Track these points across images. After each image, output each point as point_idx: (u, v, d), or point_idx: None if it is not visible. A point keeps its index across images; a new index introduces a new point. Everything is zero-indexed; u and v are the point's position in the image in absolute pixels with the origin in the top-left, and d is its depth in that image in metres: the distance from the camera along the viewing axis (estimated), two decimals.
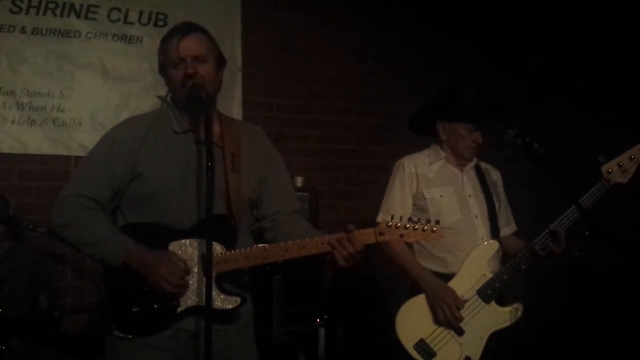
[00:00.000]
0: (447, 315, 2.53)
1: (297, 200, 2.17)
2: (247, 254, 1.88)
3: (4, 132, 3.90)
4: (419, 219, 1.92)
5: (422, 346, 2.54)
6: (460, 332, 2.55)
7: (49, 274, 3.74)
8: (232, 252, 1.88)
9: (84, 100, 4.06)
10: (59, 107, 4.01)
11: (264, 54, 4.47)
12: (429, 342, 2.55)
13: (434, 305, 2.56)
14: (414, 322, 2.58)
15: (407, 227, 1.89)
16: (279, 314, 3.19)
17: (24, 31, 3.96)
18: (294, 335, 3.37)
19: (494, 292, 2.57)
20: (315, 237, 1.88)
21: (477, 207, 2.72)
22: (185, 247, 1.89)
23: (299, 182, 4.01)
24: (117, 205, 1.97)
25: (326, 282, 3.91)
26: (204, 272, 1.85)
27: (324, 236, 1.88)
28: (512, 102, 2.83)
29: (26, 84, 3.95)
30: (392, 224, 1.88)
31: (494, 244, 2.65)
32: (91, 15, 4.09)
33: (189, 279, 1.87)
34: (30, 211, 3.77)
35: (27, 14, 3.96)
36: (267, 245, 1.91)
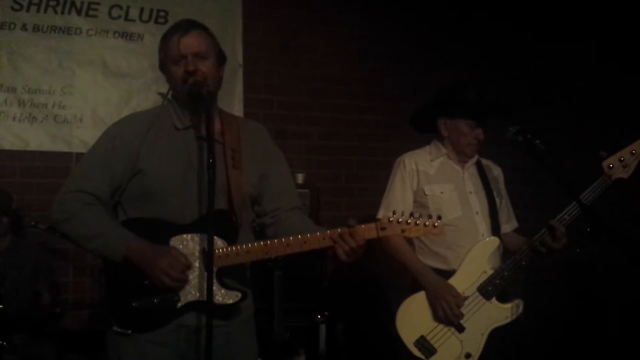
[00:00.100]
0: (447, 312, 2.53)
1: (298, 196, 2.17)
2: (248, 248, 1.88)
3: (5, 129, 3.91)
4: (420, 214, 1.91)
5: (422, 342, 2.54)
6: (460, 329, 2.55)
7: (50, 269, 3.75)
8: (233, 247, 1.88)
9: (84, 96, 4.06)
10: (60, 103, 4.01)
11: (265, 51, 4.47)
12: (429, 338, 2.55)
13: (434, 301, 2.55)
14: (414, 318, 2.58)
15: (409, 222, 1.89)
16: (279, 310, 3.19)
17: (24, 28, 3.96)
18: (294, 331, 3.37)
19: (495, 288, 2.57)
20: (316, 232, 1.88)
21: (477, 203, 2.71)
22: (186, 241, 1.89)
23: (300, 178, 4.01)
24: (117, 201, 1.97)
25: (327, 279, 3.91)
26: (204, 267, 1.85)
27: (325, 231, 1.88)
28: (512, 102, 2.83)
29: (27, 81, 3.96)
30: (393, 219, 1.88)
31: (494, 241, 2.64)
32: (92, 12, 4.09)
33: (189, 273, 1.87)
34: (31, 207, 3.77)
35: (27, 11, 3.96)
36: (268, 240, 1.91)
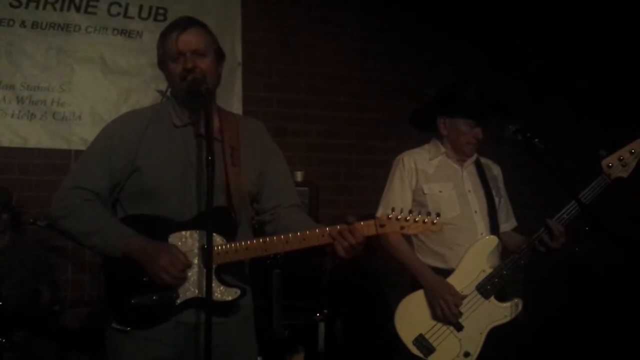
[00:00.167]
0: (445, 310, 2.52)
1: (297, 193, 2.16)
2: (247, 245, 1.88)
3: (3, 126, 3.90)
4: (419, 211, 1.92)
5: (421, 341, 2.54)
6: (459, 328, 2.55)
7: (49, 267, 3.75)
8: (232, 244, 1.87)
9: (83, 94, 4.06)
10: (59, 100, 4.00)
11: (264, 48, 4.46)
12: (427, 337, 2.55)
13: (433, 300, 2.55)
14: (413, 317, 2.58)
15: (407, 219, 1.89)
16: (278, 308, 3.19)
17: (23, 25, 3.95)
18: (293, 329, 3.37)
19: (493, 287, 2.56)
20: (315, 229, 1.88)
21: (476, 202, 2.71)
22: (185, 238, 1.89)
23: (299, 176, 4.01)
24: (116, 198, 1.97)
25: (326, 277, 3.91)
26: (203, 264, 1.85)
27: (324, 228, 1.87)
28: (512, 102, 2.82)
29: (26, 78, 3.95)
30: (392, 216, 1.88)
31: (493, 239, 2.64)
32: (91, 9, 4.08)
33: (188, 270, 1.87)
34: (30, 204, 3.77)
35: (26, 7, 3.95)
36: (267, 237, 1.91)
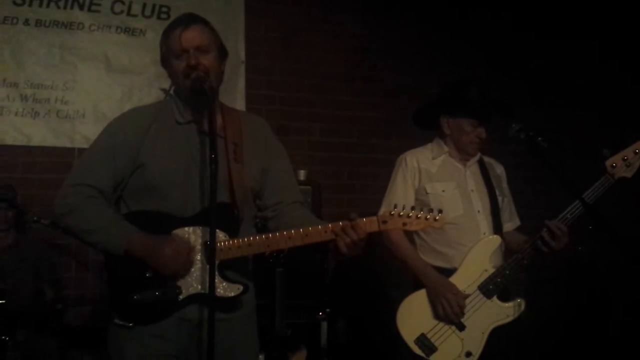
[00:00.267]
0: (447, 310, 2.52)
1: (299, 190, 2.16)
2: (249, 241, 1.88)
3: (7, 124, 3.90)
4: (421, 208, 1.93)
5: (423, 341, 2.54)
6: (461, 327, 2.54)
7: (53, 265, 3.75)
8: (235, 240, 1.88)
9: (87, 92, 4.06)
10: (62, 98, 4.01)
11: (267, 47, 4.46)
12: (429, 336, 2.54)
13: (435, 300, 2.54)
14: (414, 316, 2.57)
15: (410, 216, 1.90)
16: (281, 307, 3.19)
17: (27, 23, 3.95)
18: (296, 328, 3.37)
19: (496, 287, 2.56)
20: (318, 225, 1.88)
21: (479, 201, 2.71)
22: (188, 234, 1.89)
23: (302, 175, 4.01)
24: (120, 195, 1.97)
25: (328, 276, 3.91)
26: (206, 260, 1.85)
27: (327, 224, 1.88)
28: (512, 102, 2.82)
29: (29, 76, 3.95)
30: (394, 212, 1.89)
31: (496, 239, 2.63)
32: (94, 7, 4.08)
33: (191, 265, 1.87)
34: (33, 203, 3.77)
35: (30, 5, 3.95)
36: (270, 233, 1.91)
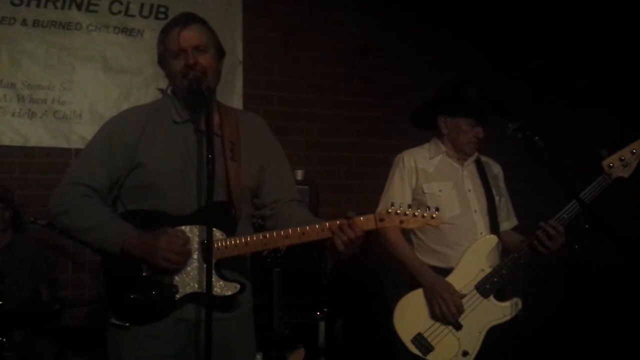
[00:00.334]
0: (444, 309, 2.52)
1: (297, 188, 2.16)
2: (247, 240, 1.88)
3: (4, 124, 3.90)
4: (418, 206, 1.95)
5: (420, 340, 2.54)
6: (457, 327, 2.54)
7: (50, 266, 3.74)
8: (232, 239, 1.87)
9: (84, 92, 4.06)
10: (60, 99, 4.00)
11: (265, 47, 4.46)
12: (426, 336, 2.54)
13: (432, 299, 2.55)
14: (411, 315, 2.57)
15: (407, 213, 1.90)
16: (278, 307, 3.19)
17: (24, 23, 3.95)
18: (293, 327, 3.36)
19: (492, 286, 2.56)
20: (315, 224, 1.88)
21: (476, 201, 2.71)
22: (184, 233, 1.88)
23: (299, 175, 4.01)
24: (117, 194, 1.97)
25: (326, 275, 3.91)
26: (203, 258, 1.85)
27: (324, 222, 1.88)
28: (512, 102, 2.83)
29: (26, 76, 3.94)
30: (391, 210, 1.90)
31: (493, 239, 2.64)
32: (92, 7, 4.08)
33: (188, 264, 1.87)
34: (30, 203, 3.76)
35: (27, 6, 3.95)
36: (267, 232, 1.91)
